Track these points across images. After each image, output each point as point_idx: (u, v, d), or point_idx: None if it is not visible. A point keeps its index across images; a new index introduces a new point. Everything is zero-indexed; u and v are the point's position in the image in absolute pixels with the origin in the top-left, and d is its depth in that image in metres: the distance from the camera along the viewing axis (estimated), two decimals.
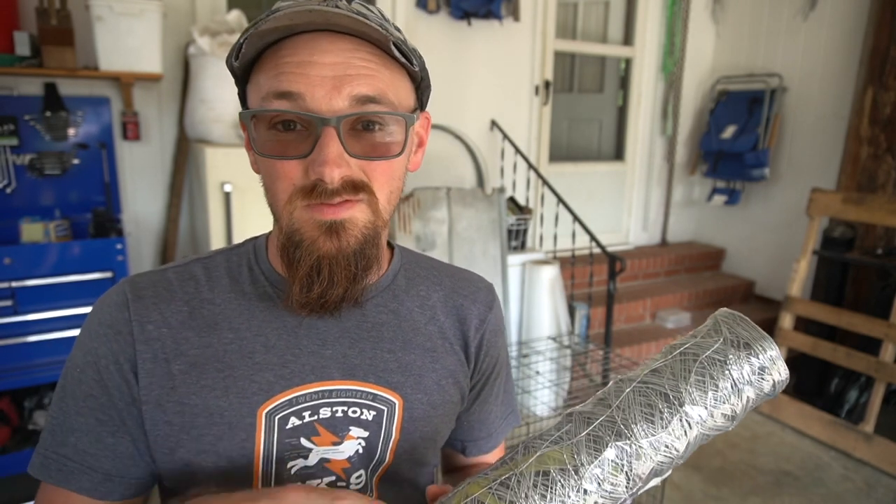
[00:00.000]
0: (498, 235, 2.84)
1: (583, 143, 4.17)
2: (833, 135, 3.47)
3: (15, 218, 2.28)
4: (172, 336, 0.61)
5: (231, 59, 0.57)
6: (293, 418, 0.62)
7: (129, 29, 2.21)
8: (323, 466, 0.64)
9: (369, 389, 0.65)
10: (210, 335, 0.62)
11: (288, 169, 0.55)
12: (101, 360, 0.60)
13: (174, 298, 0.63)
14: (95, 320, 0.62)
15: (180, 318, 0.62)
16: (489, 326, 0.76)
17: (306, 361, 0.63)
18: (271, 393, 0.61)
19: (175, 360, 0.60)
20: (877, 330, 2.62)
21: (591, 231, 2.77)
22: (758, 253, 3.97)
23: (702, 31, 4.10)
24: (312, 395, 0.63)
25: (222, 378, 0.60)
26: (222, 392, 0.60)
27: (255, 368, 0.61)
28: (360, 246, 0.57)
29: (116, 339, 0.60)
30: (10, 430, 2.19)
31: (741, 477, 2.51)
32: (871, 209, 2.74)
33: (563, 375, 2.77)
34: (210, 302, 0.63)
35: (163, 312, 0.62)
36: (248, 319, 0.63)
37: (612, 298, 2.73)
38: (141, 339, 0.60)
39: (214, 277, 0.65)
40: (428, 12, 3.11)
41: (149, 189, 2.66)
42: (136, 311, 0.61)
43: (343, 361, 0.64)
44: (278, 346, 0.63)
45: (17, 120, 2.29)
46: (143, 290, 0.62)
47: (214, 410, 0.60)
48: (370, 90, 0.54)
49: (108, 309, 0.62)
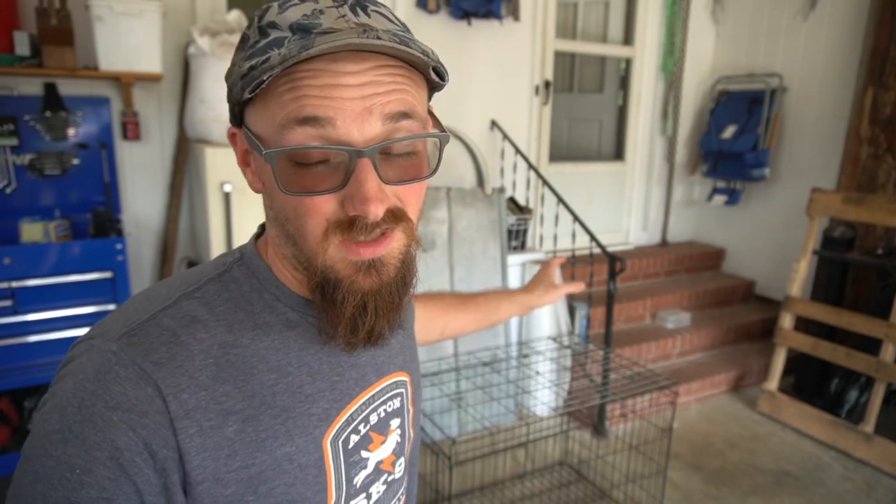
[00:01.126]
0: (498, 235, 2.84)
1: (583, 143, 4.17)
2: (833, 135, 3.47)
3: (15, 218, 2.28)
4: (211, 398, 0.52)
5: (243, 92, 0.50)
6: (353, 436, 0.62)
7: (128, 29, 2.21)
8: (378, 468, 0.66)
9: (393, 379, 0.68)
10: (250, 382, 0.55)
11: (319, 203, 0.50)
12: (125, 453, 0.47)
13: (193, 353, 0.52)
14: (100, 404, 0.48)
15: (210, 374, 0.53)
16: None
17: (350, 376, 0.62)
18: (330, 420, 0.60)
19: (224, 422, 0.52)
20: (877, 330, 2.62)
21: (591, 231, 2.77)
22: (758, 253, 3.97)
23: (702, 31, 4.10)
24: (362, 407, 0.63)
25: (282, 422, 0.56)
26: (286, 438, 0.55)
27: (309, 401, 0.58)
28: (399, 274, 0.54)
29: (143, 423, 0.48)
30: (10, 430, 2.19)
31: (741, 477, 2.51)
32: (871, 209, 2.74)
33: (563, 375, 2.77)
34: (234, 345, 0.55)
35: (191, 374, 0.51)
36: (286, 353, 0.58)
37: (612, 298, 2.73)
38: (181, 415, 0.50)
39: (222, 314, 0.56)
40: (428, 12, 3.11)
41: (149, 189, 2.66)
42: (164, 382, 0.50)
43: (373, 363, 0.66)
44: (323, 371, 0.60)
45: (17, 120, 2.29)
46: (155, 353, 0.51)
47: (283, 459, 0.55)
48: (402, 106, 0.50)
49: (119, 388, 0.49)
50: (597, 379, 2.67)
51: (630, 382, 2.22)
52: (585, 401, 2.52)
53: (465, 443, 2.52)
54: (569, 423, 2.79)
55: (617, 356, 2.50)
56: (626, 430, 2.82)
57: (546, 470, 2.53)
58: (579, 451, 2.65)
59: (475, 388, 2.47)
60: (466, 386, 2.56)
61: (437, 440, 2.22)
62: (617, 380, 2.31)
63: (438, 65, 0.52)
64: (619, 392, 2.19)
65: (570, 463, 2.59)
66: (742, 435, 2.86)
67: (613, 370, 2.35)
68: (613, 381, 2.30)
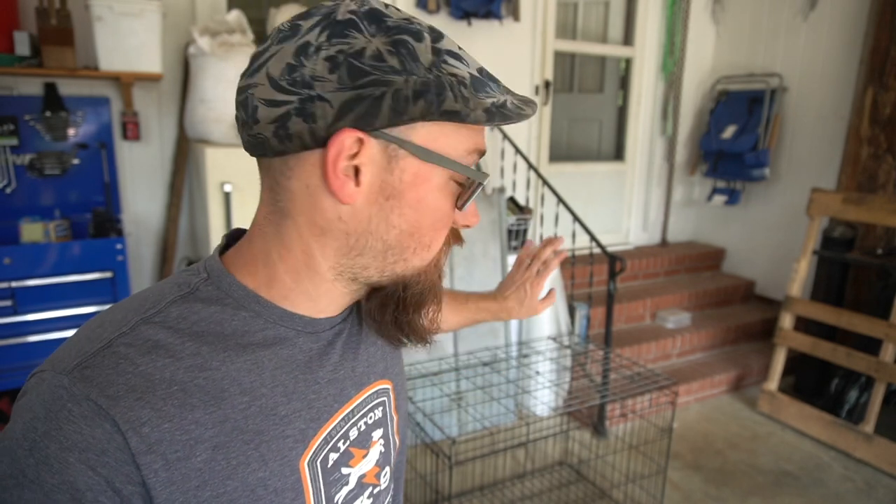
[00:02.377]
0: (498, 235, 2.84)
1: (583, 143, 4.17)
2: (833, 135, 3.47)
3: (15, 218, 2.28)
4: (177, 428, 0.49)
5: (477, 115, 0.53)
6: (332, 454, 0.60)
7: (128, 29, 2.21)
8: (361, 483, 0.64)
9: (373, 389, 0.66)
10: (221, 407, 0.52)
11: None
12: (87, 494, 0.45)
13: (154, 382, 0.49)
14: (54, 446, 0.45)
15: (175, 403, 0.49)
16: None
17: (327, 393, 0.60)
18: (307, 441, 0.57)
19: (192, 452, 0.49)
20: (877, 330, 2.62)
21: (591, 231, 2.77)
22: (758, 253, 3.97)
23: (702, 31, 4.10)
24: (340, 424, 0.61)
25: (255, 447, 0.53)
26: (260, 463, 0.53)
27: (283, 423, 0.55)
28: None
29: (103, 461, 0.45)
30: None
31: (741, 477, 2.51)
32: (871, 209, 2.74)
33: (563, 375, 2.77)
34: (203, 368, 0.52)
35: (153, 405, 0.48)
36: (258, 374, 0.54)
37: (612, 298, 2.73)
38: (142, 450, 0.47)
39: (189, 337, 0.52)
40: (428, 12, 3.11)
41: (149, 189, 2.66)
42: (122, 417, 0.46)
43: (352, 375, 0.63)
44: (298, 390, 0.57)
45: (17, 120, 2.29)
46: (111, 387, 0.47)
47: (256, 485, 0.53)
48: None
49: (74, 427, 0.45)
50: (597, 379, 2.67)
51: (630, 382, 2.22)
52: (585, 401, 2.52)
53: (465, 443, 2.52)
54: (569, 423, 2.79)
55: (617, 356, 2.50)
56: (626, 430, 2.82)
57: (546, 470, 2.53)
58: (579, 451, 2.65)
59: (475, 388, 2.47)
60: (466, 386, 2.56)
61: (437, 440, 2.22)
62: (617, 380, 2.31)
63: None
64: (618, 392, 2.20)
65: (570, 463, 2.59)
66: (742, 435, 2.86)
67: (613, 370, 2.35)
68: (613, 380, 2.30)
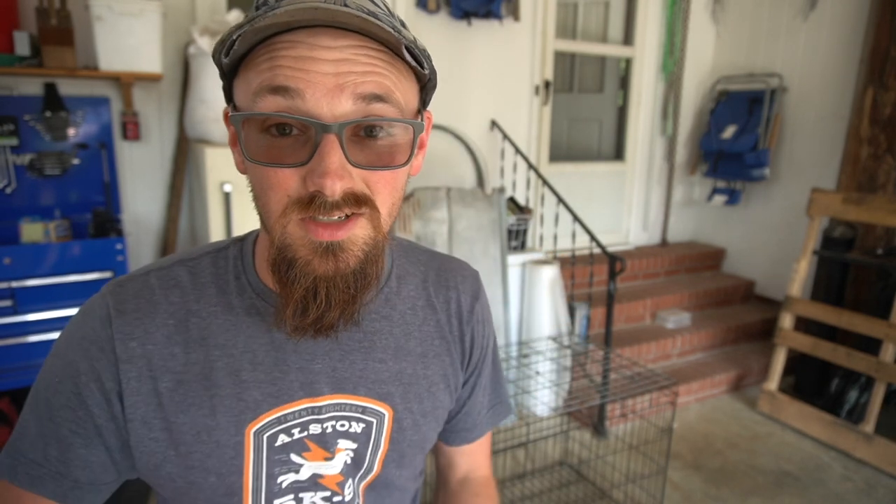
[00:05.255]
0: (498, 235, 2.84)
1: (583, 143, 4.17)
2: (833, 135, 3.47)
3: (15, 218, 2.28)
4: (158, 353, 0.58)
5: (219, 55, 0.51)
6: (282, 435, 0.61)
7: (128, 29, 2.20)
8: (315, 482, 0.64)
9: (359, 402, 0.64)
10: (196, 351, 0.59)
11: (282, 178, 0.50)
12: (82, 377, 0.57)
13: (158, 311, 0.59)
14: (78, 332, 0.59)
15: (165, 333, 0.59)
16: (477, 317, 0.74)
17: (294, 378, 0.61)
18: (259, 412, 0.60)
19: (161, 377, 0.58)
20: (877, 330, 2.62)
21: (591, 231, 2.77)
22: (758, 253, 3.97)
23: (702, 31, 4.10)
24: (301, 413, 0.62)
25: (209, 397, 0.58)
26: (209, 411, 0.58)
27: (242, 387, 0.59)
28: (359, 265, 0.52)
29: (98, 356, 0.57)
30: (9, 430, 2.20)
31: (741, 477, 2.51)
32: (871, 209, 2.74)
33: (564, 376, 2.77)
34: (196, 314, 0.60)
35: (147, 328, 0.58)
36: (235, 335, 0.60)
37: (612, 298, 2.73)
38: (124, 358, 0.57)
39: (200, 285, 0.61)
40: (428, 12, 3.11)
41: (149, 189, 2.66)
42: (119, 328, 0.57)
43: (332, 375, 0.62)
44: (266, 363, 0.60)
45: (17, 120, 2.29)
46: (125, 304, 0.59)
47: (202, 429, 0.58)
48: (377, 88, 0.49)
49: (91, 322, 0.58)
50: (597, 379, 2.66)
51: (630, 382, 2.23)
52: (585, 401, 2.52)
53: None
54: (569, 423, 2.79)
55: (617, 356, 2.50)
56: (626, 430, 2.82)
57: (546, 470, 2.53)
58: (579, 451, 2.65)
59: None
60: None
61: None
62: (617, 380, 2.31)
63: (412, 45, 0.50)
64: (619, 392, 2.20)
65: (570, 463, 2.59)
66: (742, 435, 2.86)
67: (613, 370, 2.35)
68: (613, 381, 2.30)
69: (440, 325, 0.70)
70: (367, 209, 0.52)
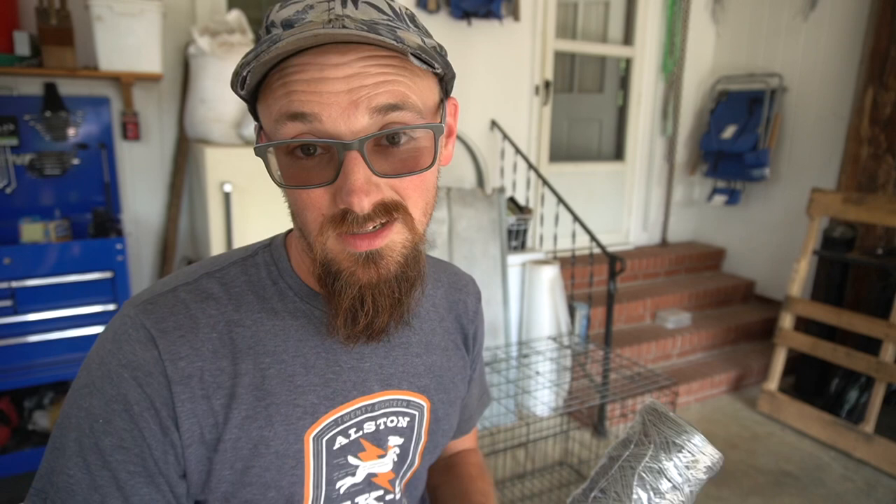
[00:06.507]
0: (498, 235, 2.84)
1: (583, 143, 4.17)
2: (833, 135, 3.47)
3: (15, 218, 2.28)
4: (208, 368, 0.56)
5: (236, 88, 0.52)
6: (340, 438, 0.61)
7: (128, 29, 2.20)
8: (370, 482, 0.65)
9: (403, 396, 0.66)
10: (245, 361, 0.57)
11: (315, 197, 0.51)
12: (134, 407, 0.53)
13: (199, 325, 0.56)
14: (114, 361, 0.54)
15: (211, 347, 0.56)
16: (479, 317, 0.80)
17: (347, 378, 0.61)
18: (316, 416, 0.59)
19: (214, 394, 0.55)
20: (877, 330, 2.62)
21: (592, 231, 2.77)
22: (758, 253, 3.97)
23: (702, 31, 4.10)
24: (356, 412, 0.62)
25: (264, 406, 0.57)
26: (265, 421, 0.57)
27: (297, 392, 0.58)
28: (400, 269, 0.54)
29: (148, 381, 0.53)
30: (9, 430, 2.19)
31: (741, 477, 2.51)
32: (871, 209, 2.74)
33: (564, 376, 2.77)
34: (238, 324, 0.58)
35: (192, 344, 0.55)
36: (284, 340, 0.59)
37: (612, 298, 2.73)
38: (176, 380, 0.54)
39: (236, 295, 0.59)
40: (428, 12, 3.11)
41: (149, 189, 2.66)
42: (165, 349, 0.54)
43: (380, 372, 0.64)
44: (318, 366, 0.60)
45: (17, 120, 2.29)
46: (164, 321, 0.55)
47: (259, 442, 0.56)
48: (391, 97, 0.49)
49: (129, 347, 0.54)
50: (597, 379, 2.66)
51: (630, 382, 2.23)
52: (585, 401, 2.52)
53: None
54: (569, 423, 2.79)
55: (617, 356, 2.50)
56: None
57: (546, 470, 2.53)
58: (579, 451, 2.65)
59: None
60: None
61: None
62: (617, 380, 2.31)
63: (418, 52, 0.49)
64: (619, 392, 2.20)
65: (570, 463, 2.59)
66: (742, 435, 2.86)
67: (613, 370, 2.35)
68: (613, 381, 2.30)
69: (454, 322, 0.75)
70: (399, 214, 0.52)
